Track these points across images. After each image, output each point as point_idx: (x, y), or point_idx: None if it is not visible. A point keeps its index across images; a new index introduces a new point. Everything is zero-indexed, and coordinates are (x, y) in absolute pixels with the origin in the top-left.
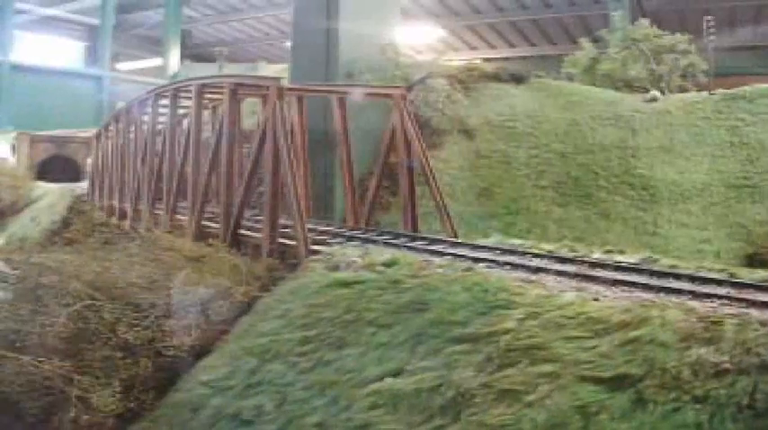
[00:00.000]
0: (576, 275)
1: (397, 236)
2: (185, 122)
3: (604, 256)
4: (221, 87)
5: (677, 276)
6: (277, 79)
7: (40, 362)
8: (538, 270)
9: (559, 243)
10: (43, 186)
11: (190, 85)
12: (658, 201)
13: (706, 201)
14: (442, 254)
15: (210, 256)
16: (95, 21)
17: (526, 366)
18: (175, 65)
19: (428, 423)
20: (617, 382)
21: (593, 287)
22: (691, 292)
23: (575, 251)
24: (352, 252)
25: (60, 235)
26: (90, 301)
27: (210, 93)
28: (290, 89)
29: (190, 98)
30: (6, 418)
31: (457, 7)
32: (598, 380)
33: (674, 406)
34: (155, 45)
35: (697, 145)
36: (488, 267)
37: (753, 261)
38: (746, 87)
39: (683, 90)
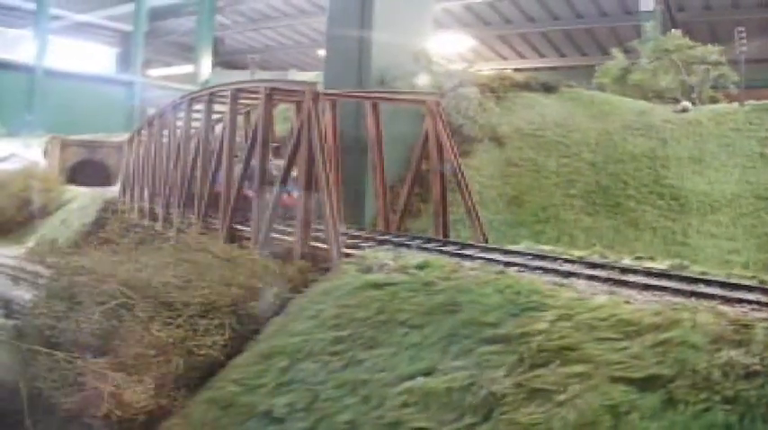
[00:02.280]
0: (606, 280)
1: (429, 241)
2: (218, 128)
3: (634, 263)
4: (256, 92)
5: (707, 282)
6: (313, 84)
7: (73, 358)
8: (569, 274)
9: (589, 250)
10: (74, 190)
11: (225, 90)
12: (687, 212)
13: (735, 212)
14: (473, 258)
15: (242, 258)
16: (128, 27)
17: (557, 366)
18: (207, 72)
19: (459, 421)
20: (648, 383)
21: (624, 291)
22: (721, 297)
23: (605, 257)
24: (384, 255)
25: (92, 236)
26: (124, 300)
27: (245, 98)
28: (325, 94)
29: (224, 103)
30: (39, 413)
31: (488, 17)
32: (629, 381)
33: (704, 406)
34: (186, 52)
35: (727, 156)
36: (520, 271)
37: None
38: None
39: (713, 101)
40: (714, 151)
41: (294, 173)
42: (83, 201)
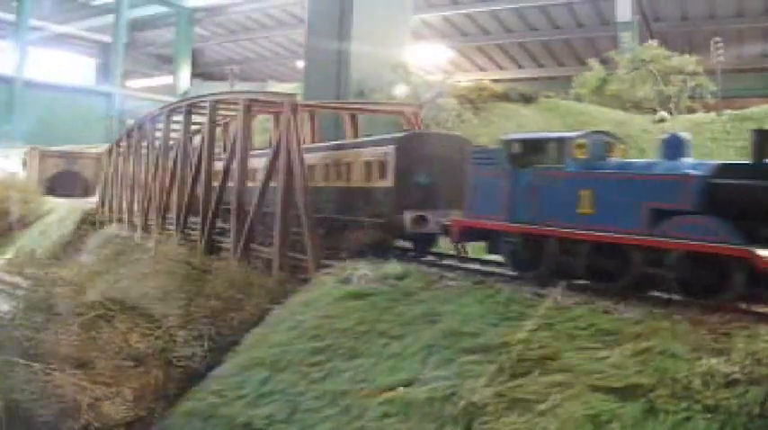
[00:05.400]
0: (585, 289)
1: (408, 251)
2: (196, 139)
3: None
4: (235, 103)
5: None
6: (291, 95)
7: (52, 369)
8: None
9: None
10: (53, 201)
11: (204, 101)
12: None
13: None
14: (453, 268)
15: (222, 269)
16: (108, 38)
17: (538, 376)
18: (186, 83)
19: None
20: (628, 392)
21: (604, 301)
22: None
23: None
24: (363, 265)
25: (71, 247)
26: (103, 311)
27: (224, 109)
28: (304, 105)
29: (203, 114)
30: (17, 425)
31: (465, 28)
32: (610, 390)
33: (685, 415)
34: (166, 63)
35: None
36: (499, 281)
37: None
38: (754, 108)
39: (691, 111)
40: None
41: None
42: (62, 211)
